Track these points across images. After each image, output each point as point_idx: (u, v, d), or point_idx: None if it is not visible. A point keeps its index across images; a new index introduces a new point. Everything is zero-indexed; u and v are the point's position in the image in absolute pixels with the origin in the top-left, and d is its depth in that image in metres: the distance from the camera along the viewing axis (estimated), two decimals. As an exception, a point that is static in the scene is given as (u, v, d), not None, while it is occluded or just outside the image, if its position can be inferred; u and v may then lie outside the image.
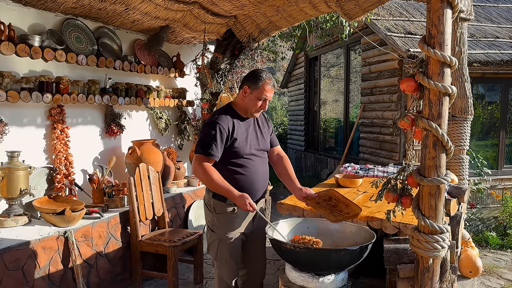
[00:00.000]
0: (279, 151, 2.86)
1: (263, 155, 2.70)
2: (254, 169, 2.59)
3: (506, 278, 4.11)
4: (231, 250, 2.59)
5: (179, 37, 4.93)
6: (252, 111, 2.60)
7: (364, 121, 6.77)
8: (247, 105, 2.58)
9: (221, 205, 2.56)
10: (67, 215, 3.19)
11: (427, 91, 1.94)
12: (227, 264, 2.59)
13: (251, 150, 2.58)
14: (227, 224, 2.58)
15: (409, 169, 2.12)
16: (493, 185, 5.96)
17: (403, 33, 5.77)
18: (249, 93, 2.55)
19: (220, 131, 2.46)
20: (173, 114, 5.35)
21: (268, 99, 2.58)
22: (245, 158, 2.56)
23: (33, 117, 3.62)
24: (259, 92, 2.53)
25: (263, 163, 2.68)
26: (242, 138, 2.55)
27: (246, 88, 2.56)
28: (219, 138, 2.46)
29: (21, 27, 3.47)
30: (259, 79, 2.53)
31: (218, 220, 2.59)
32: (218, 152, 2.47)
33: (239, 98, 2.62)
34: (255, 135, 2.65)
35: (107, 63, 4.04)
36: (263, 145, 2.69)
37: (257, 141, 2.65)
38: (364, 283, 3.12)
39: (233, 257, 2.60)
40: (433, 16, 1.89)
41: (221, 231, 2.58)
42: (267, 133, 2.76)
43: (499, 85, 6.06)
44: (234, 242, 2.59)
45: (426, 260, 2.02)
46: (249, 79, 2.58)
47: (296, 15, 4.21)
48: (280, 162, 2.80)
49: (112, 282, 3.54)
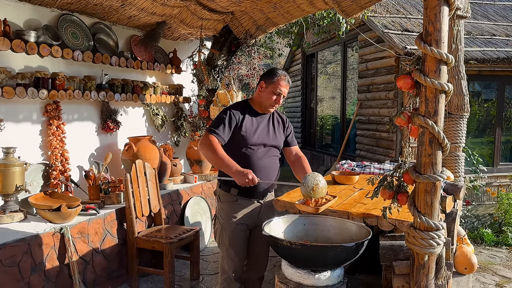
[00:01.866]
0: (297, 151, 2.92)
1: (272, 151, 2.79)
2: (256, 164, 2.68)
3: (501, 274, 4.14)
4: (232, 238, 2.70)
5: (176, 33, 4.92)
6: (267, 105, 2.73)
7: (361, 118, 6.78)
8: (262, 99, 2.72)
9: (225, 194, 2.73)
10: (63, 211, 3.19)
11: (424, 88, 1.94)
12: (228, 253, 2.70)
13: (258, 142, 2.69)
14: (229, 212, 2.72)
15: (405, 166, 2.12)
16: (488, 183, 5.98)
17: (400, 30, 5.77)
18: (264, 88, 2.70)
19: (230, 117, 2.62)
20: (169, 110, 5.34)
21: (283, 94, 2.70)
22: (251, 149, 2.67)
23: (29, 113, 3.60)
24: (274, 87, 2.67)
25: (270, 158, 2.77)
26: (250, 129, 2.67)
27: (263, 83, 2.71)
28: (228, 122, 2.61)
29: (16, 23, 3.44)
30: (275, 75, 2.69)
31: (222, 208, 2.75)
32: (225, 135, 2.60)
33: (256, 93, 2.78)
34: (267, 131, 2.76)
35: (103, 59, 4.03)
36: (274, 142, 2.78)
37: (267, 136, 2.75)
38: (360, 279, 3.13)
39: (233, 246, 2.70)
40: (430, 13, 1.89)
41: (223, 219, 2.74)
42: (281, 132, 2.86)
43: (495, 83, 6.08)
44: (235, 231, 2.71)
45: (421, 257, 2.03)
46: (266, 75, 2.73)
47: (293, 12, 4.20)
48: (298, 162, 2.86)
49: (108, 279, 3.54)
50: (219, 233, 2.78)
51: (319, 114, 9.32)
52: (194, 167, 5.08)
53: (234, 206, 2.71)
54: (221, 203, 2.77)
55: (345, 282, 2.36)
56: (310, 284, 2.25)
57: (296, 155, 2.90)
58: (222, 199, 2.76)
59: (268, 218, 2.58)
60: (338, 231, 2.57)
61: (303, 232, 2.60)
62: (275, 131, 2.80)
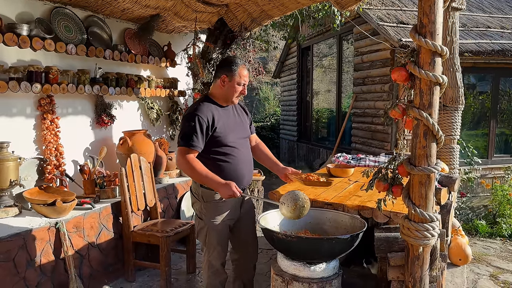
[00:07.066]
0: (256, 138, 2.97)
1: (246, 142, 2.77)
2: (239, 157, 2.64)
3: (495, 265, 4.18)
4: (219, 237, 2.68)
5: (170, 26, 4.88)
6: (233, 98, 2.66)
7: (356, 111, 6.78)
8: (227, 93, 2.64)
9: (208, 194, 2.62)
10: (58, 206, 3.17)
11: (418, 80, 1.94)
12: (216, 251, 2.68)
13: (234, 138, 2.64)
14: (215, 211, 2.64)
15: (400, 159, 2.13)
16: (483, 174, 6.02)
17: (395, 23, 5.76)
18: (227, 81, 2.61)
19: (199, 122, 2.50)
20: (164, 104, 5.31)
21: (246, 83, 2.67)
22: (228, 146, 2.60)
23: (22, 107, 3.57)
24: (238, 78, 2.61)
25: (246, 151, 2.75)
26: (223, 127, 2.59)
27: (224, 77, 2.61)
28: (199, 128, 2.49)
29: (8, 16, 3.41)
30: (235, 65, 2.61)
31: (206, 208, 2.65)
32: (200, 143, 2.51)
33: (217, 88, 2.67)
34: (236, 123, 2.72)
35: (97, 52, 3.99)
36: (244, 133, 2.77)
37: (238, 129, 2.71)
38: (355, 271, 3.15)
39: (221, 244, 2.70)
40: (425, 5, 1.89)
41: (208, 219, 2.65)
42: (246, 121, 2.83)
43: (490, 75, 6.09)
44: (222, 229, 2.68)
45: (416, 248, 2.04)
46: (225, 68, 2.63)
47: (288, 4, 4.18)
48: (258, 148, 2.94)
49: (104, 273, 3.54)
50: (204, 232, 2.68)
51: (315, 107, 9.31)
52: (189, 161, 5.06)
53: (220, 204, 2.64)
54: (204, 203, 2.65)
55: (340, 274, 2.38)
56: (306, 276, 2.26)
57: (255, 142, 2.95)
58: (206, 198, 2.64)
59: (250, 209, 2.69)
60: (333, 224, 2.59)
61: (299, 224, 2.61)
62: (242, 121, 2.78)
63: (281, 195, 2.94)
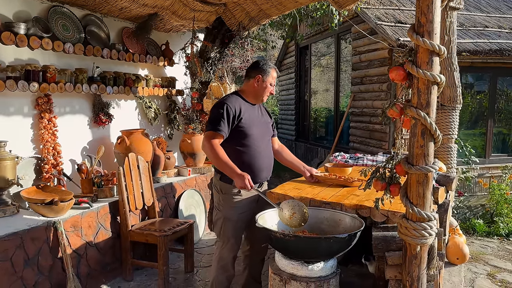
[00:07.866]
0: (278, 142, 3.21)
1: (267, 141, 2.98)
2: (259, 151, 2.83)
3: (492, 264, 4.19)
4: (234, 228, 2.83)
5: (168, 25, 4.87)
6: (264, 96, 2.93)
7: (354, 111, 6.79)
8: (259, 91, 2.90)
9: (227, 187, 2.82)
10: (55, 205, 3.17)
11: (416, 80, 1.94)
12: (229, 243, 2.83)
13: (256, 133, 2.83)
14: (232, 203, 2.84)
15: (398, 158, 2.13)
16: (480, 174, 6.04)
17: (393, 22, 5.76)
18: (261, 81, 2.88)
19: (227, 110, 2.72)
20: (162, 103, 5.31)
21: (274, 84, 2.98)
22: (250, 139, 2.79)
23: (20, 106, 3.56)
24: (270, 79, 2.90)
25: (267, 148, 2.96)
26: (248, 119, 2.79)
27: (259, 76, 2.87)
28: (226, 116, 2.71)
29: (5, 14, 3.39)
30: (269, 67, 2.91)
31: (223, 199, 2.84)
32: (226, 128, 2.70)
33: (250, 86, 2.91)
34: (260, 121, 2.93)
35: (94, 51, 3.98)
36: (267, 131, 2.99)
37: (261, 126, 2.92)
38: (353, 270, 3.16)
39: (235, 237, 2.84)
40: (423, 4, 1.89)
41: (225, 210, 2.85)
42: (270, 122, 3.08)
43: (487, 74, 6.10)
44: (238, 222, 2.84)
45: (413, 247, 2.05)
46: (259, 68, 2.90)
47: (286, 3, 4.18)
48: (282, 151, 3.21)
49: (102, 272, 3.54)
50: (220, 223, 2.87)
51: (313, 106, 9.32)
52: (187, 160, 5.06)
53: (237, 197, 2.83)
54: (222, 195, 2.86)
55: (338, 273, 2.38)
56: (303, 275, 2.26)
57: (279, 145, 3.21)
58: (224, 190, 2.84)
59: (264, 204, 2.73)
60: (331, 223, 2.59)
61: (297, 224, 2.60)
62: (266, 121, 3.01)
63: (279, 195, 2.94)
